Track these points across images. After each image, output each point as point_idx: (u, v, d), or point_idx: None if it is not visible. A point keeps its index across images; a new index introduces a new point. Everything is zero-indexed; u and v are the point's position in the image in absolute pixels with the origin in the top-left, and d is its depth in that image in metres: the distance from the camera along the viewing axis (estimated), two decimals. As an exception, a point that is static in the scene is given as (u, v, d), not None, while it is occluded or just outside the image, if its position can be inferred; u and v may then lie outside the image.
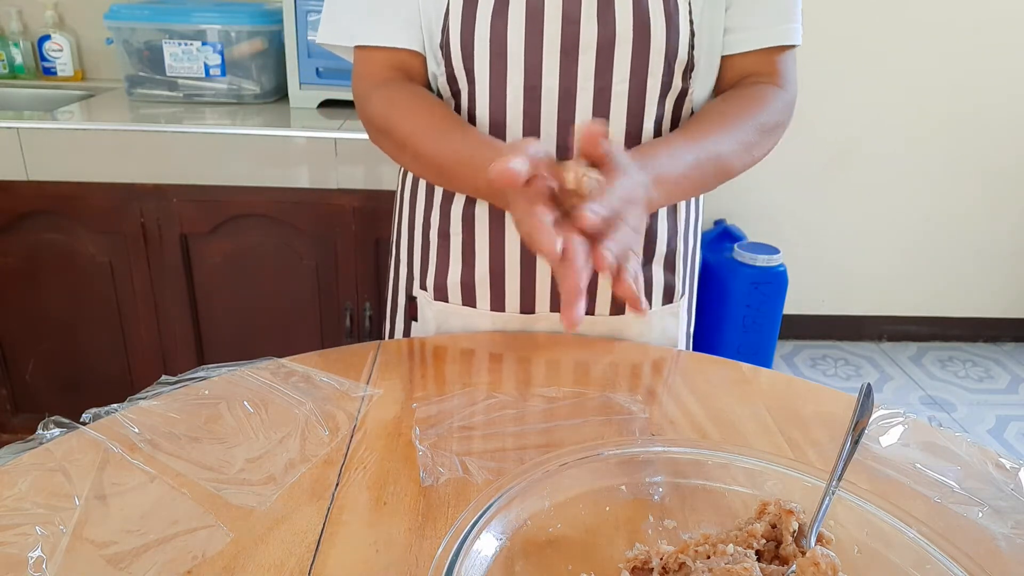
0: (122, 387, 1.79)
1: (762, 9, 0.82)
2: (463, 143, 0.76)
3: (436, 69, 0.84)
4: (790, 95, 0.84)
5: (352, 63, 0.87)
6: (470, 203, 0.86)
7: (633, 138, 0.81)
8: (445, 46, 0.80)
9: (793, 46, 0.84)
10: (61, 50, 2.01)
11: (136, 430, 0.65)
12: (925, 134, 2.54)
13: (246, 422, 0.68)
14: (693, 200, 0.92)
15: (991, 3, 2.39)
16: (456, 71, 0.81)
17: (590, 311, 0.89)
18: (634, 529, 0.55)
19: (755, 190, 2.54)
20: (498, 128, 0.81)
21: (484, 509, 0.50)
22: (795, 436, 0.70)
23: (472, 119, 0.83)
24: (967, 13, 2.39)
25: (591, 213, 0.55)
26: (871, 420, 0.67)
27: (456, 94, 0.84)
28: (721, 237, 2.45)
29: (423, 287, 0.93)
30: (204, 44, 1.76)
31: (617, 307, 0.90)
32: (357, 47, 0.85)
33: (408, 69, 0.85)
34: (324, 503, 0.58)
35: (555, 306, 0.89)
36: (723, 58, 0.85)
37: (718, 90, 0.87)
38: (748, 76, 0.85)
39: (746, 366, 0.83)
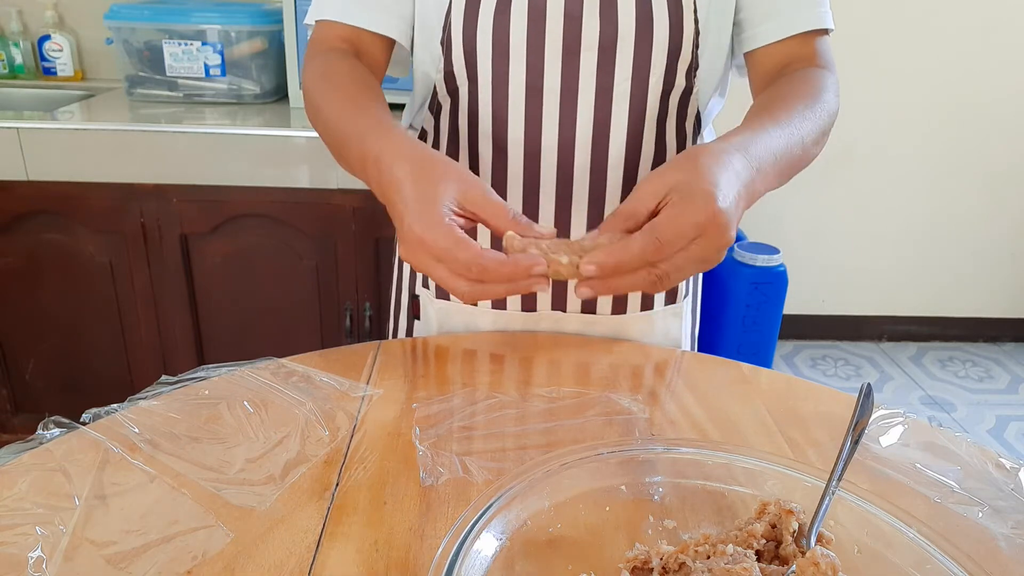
0: (122, 387, 1.79)
1: None
2: (359, 120, 0.69)
3: (434, 68, 0.83)
4: (836, 77, 0.79)
5: None
6: None
7: (635, 137, 0.81)
8: (446, 43, 0.80)
9: (826, 31, 0.81)
10: (61, 50, 2.01)
11: (136, 430, 0.65)
12: (926, 134, 2.54)
13: (246, 422, 0.68)
14: None
15: (992, 4, 2.38)
16: (457, 69, 0.81)
17: (591, 310, 0.89)
18: (634, 529, 0.55)
19: (755, 190, 2.53)
20: (500, 126, 0.81)
21: (484, 509, 0.50)
22: (795, 436, 0.70)
23: (473, 117, 0.83)
24: (968, 14, 2.39)
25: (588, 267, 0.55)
26: (871, 420, 0.67)
27: (454, 92, 0.83)
28: (721, 237, 2.44)
29: (425, 285, 0.93)
30: (204, 44, 1.76)
31: (618, 307, 0.90)
32: (321, 20, 0.82)
33: (362, 45, 0.82)
34: (324, 503, 0.58)
35: (557, 304, 0.89)
36: (757, 51, 0.81)
37: (755, 86, 0.84)
38: (789, 64, 0.81)
39: (746, 366, 0.83)
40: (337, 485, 0.60)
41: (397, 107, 0.95)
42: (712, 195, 0.55)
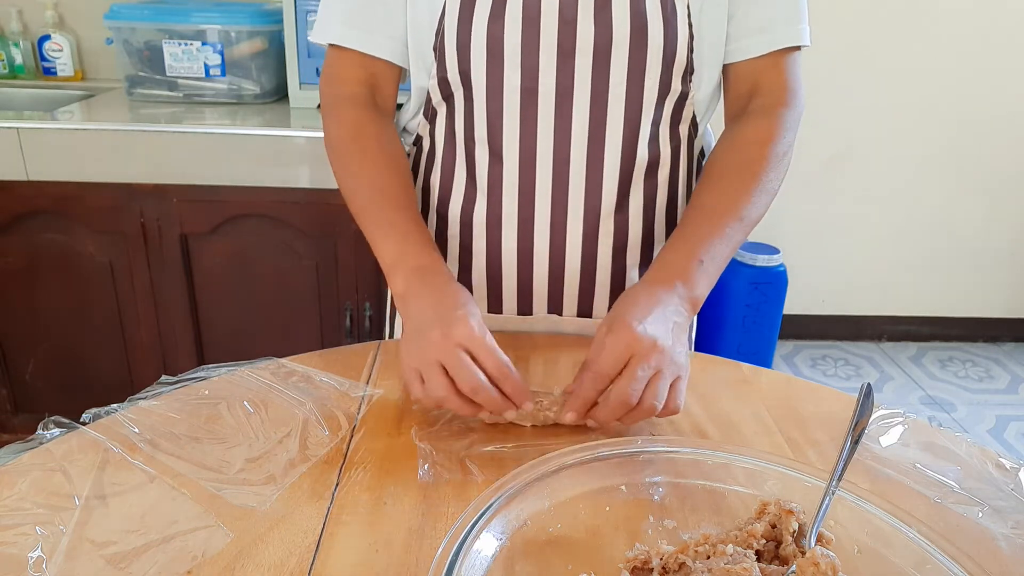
0: (122, 387, 1.79)
1: (764, 12, 0.81)
2: (392, 229, 0.78)
3: (426, 74, 0.83)
4: (798, 111, 0.83)
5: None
6: (468, 207, 0.86)
7: (630, 140, 0.81)
8: (439, 48, 0.80)
9: (798, 48, 0.83)
10: (61, 50, 2.01)
11: (136, 430, 0.65)
12: (926, 134, 2.54)
13: (246, 422, 0.68)
14: None
15: (994, 5, 2.38)
16: (451, 74, 0.81)
17: (587, 313, 0.89)
18: (634, 529, 0.55)
19: (755, 190, 2.53)
20: (495, 130, 0.81)
21: (484, 509, 0.50)
22: (795, 436, 0.70)
23: (469, 122, 0.83)
24: (968, 15, 2.39)
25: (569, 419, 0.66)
26: (871, 420, 0.67)
27: (449, 97, 0.83)
28: (721, 237, 2.44)
29: None
30: (204, 44, 1.76)
31: None
32: (333, 46, 0.84)
33: (376, 81, 0.85)
34: (324, 503, 0.58)
35: (552, 307, 0.89)
36: (729, 66, 0.84)
37: (727, 101, 0.86)
38: (756, 90, 0.83)
39: (746, 366, 0.83)
40: (337, 485, 0.60)
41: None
42: (628, 323, 0.65)
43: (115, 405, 0.68)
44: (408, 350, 0.67)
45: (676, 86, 0.80)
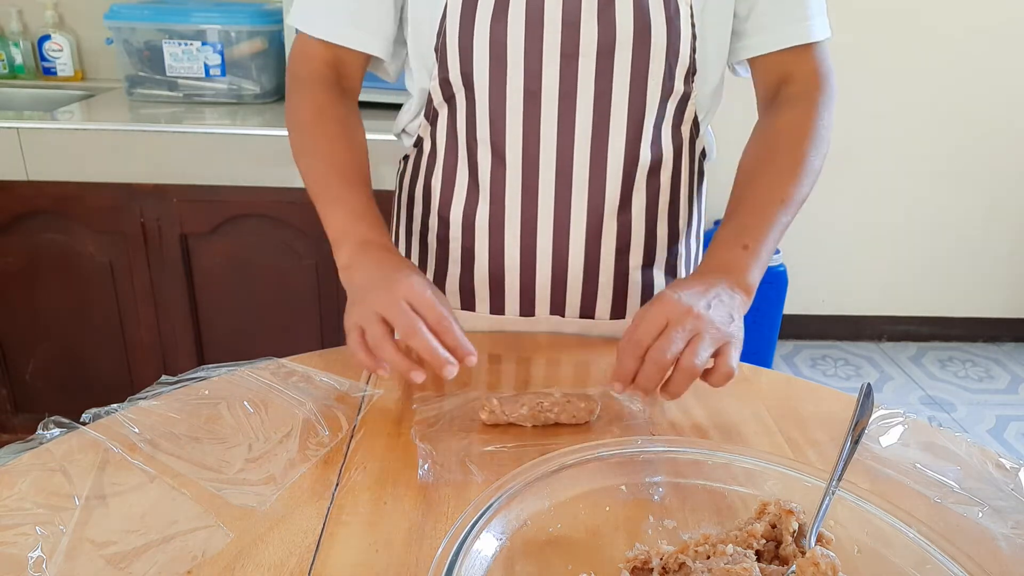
0: (122, 387, 1.79)
1: (780, 7, 0.81)
2: (342, 204, 0.79)
3: (428, 75, 0.83)
4: (830, 94, 0.83)
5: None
6: (469, 208, 0.86)
7: (633, 142, 0.81)
8: (441, 50, 0.80)
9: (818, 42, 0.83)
10: (61, 50, 2.01)
11: (136, 430, 0.65)
12: (925, 134, 2.54)
13: (246, 422, 0.68)
14: (695, 204, 0.92)
15: (994, 5, 2.38)
16: (452, 75, 0.81)
17: (589, 315, 0.89)
18: (634, 529, 0.55)
19: (755, 190, 2.53)
20: (498, 132, 0.81)
21: (484, 509, 0.50)
22: (795, 436, 0.70)
23: (471, 124, 0.82)
24: (970, 14, 2.39)
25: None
26: (871, 420, 0.67)
27: (450, 99, 0.83)
28: (721, 237, 2.44)
29: None
30: (204, 44, 1.76)
31: (618, 312, 0.89)
32: (300, 32, 0.85)
33: (342, 65, 0.85)
34: (324, 503, 0.58)
35: (555, 309, 0.89)
36: (757, 59, 0.84)
37: (761, 91, 0.87)
38: (787, 79, 0.84)
39: (746, 366, 0.83)
40: (337, 485, 0.60)
41: (393, 107, 0.95)
42: (667, 295, 0.68)
43: (115, 405, 0.68)
44: (349, 312, 0.69)
45: (679, 87, 0.80)
